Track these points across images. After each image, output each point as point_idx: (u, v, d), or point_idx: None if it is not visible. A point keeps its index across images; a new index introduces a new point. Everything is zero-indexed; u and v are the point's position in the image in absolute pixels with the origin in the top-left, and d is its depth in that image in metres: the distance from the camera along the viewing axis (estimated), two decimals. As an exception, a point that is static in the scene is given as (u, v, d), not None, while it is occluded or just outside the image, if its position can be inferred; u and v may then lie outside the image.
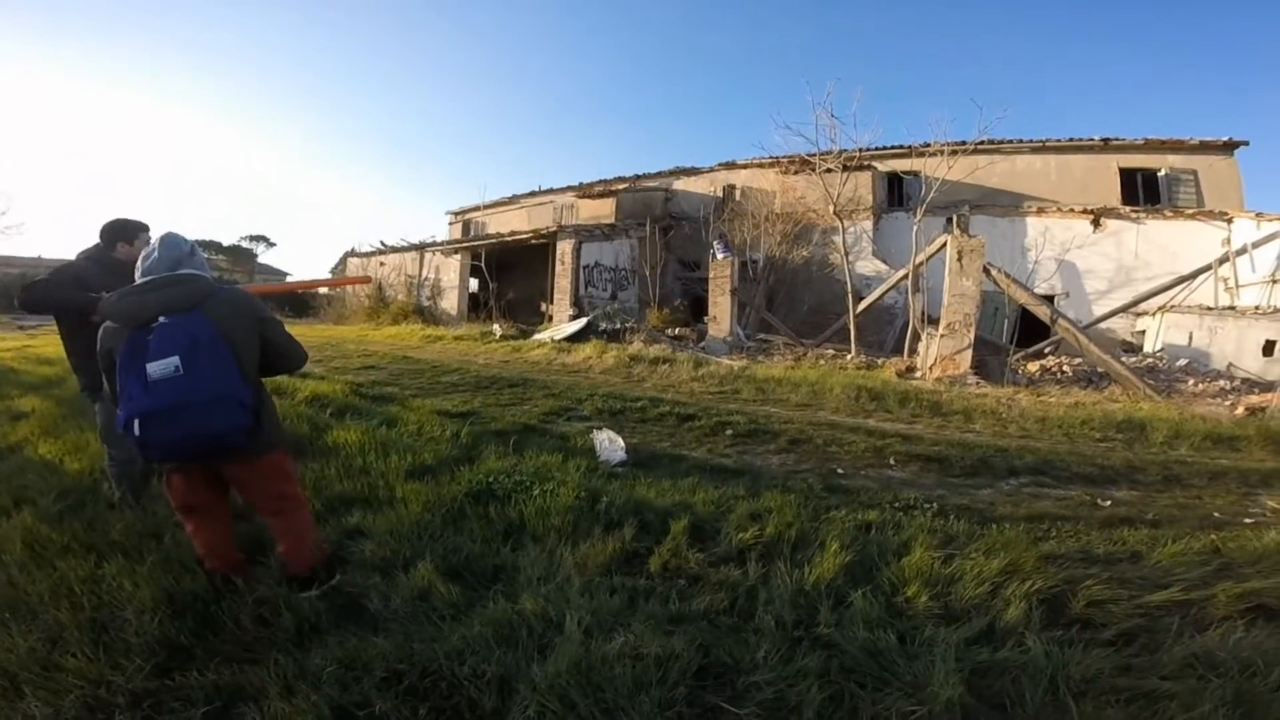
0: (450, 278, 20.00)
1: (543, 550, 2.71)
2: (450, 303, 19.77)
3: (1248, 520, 3.78)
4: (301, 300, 26.82)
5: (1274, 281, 11.67)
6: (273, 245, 46.02)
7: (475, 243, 19.93)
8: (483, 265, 18.30)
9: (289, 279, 38.15)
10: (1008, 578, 2.56)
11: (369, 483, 3.47)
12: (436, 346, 13.29)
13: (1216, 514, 3.90)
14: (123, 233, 3.12)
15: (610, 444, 4.45)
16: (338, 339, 14.85)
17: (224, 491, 2.30)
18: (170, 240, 2.16)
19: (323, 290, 23.99)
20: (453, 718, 1.71)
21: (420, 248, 21.67)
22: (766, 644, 2.05)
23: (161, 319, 1.95)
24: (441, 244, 21.74)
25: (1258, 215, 12.69)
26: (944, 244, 9.89)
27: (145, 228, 3.20)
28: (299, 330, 14.99)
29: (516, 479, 3.49)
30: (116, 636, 1.98)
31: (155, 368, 1.88)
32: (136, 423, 1.86)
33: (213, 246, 40.93)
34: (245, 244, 43.99)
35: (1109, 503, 4.00)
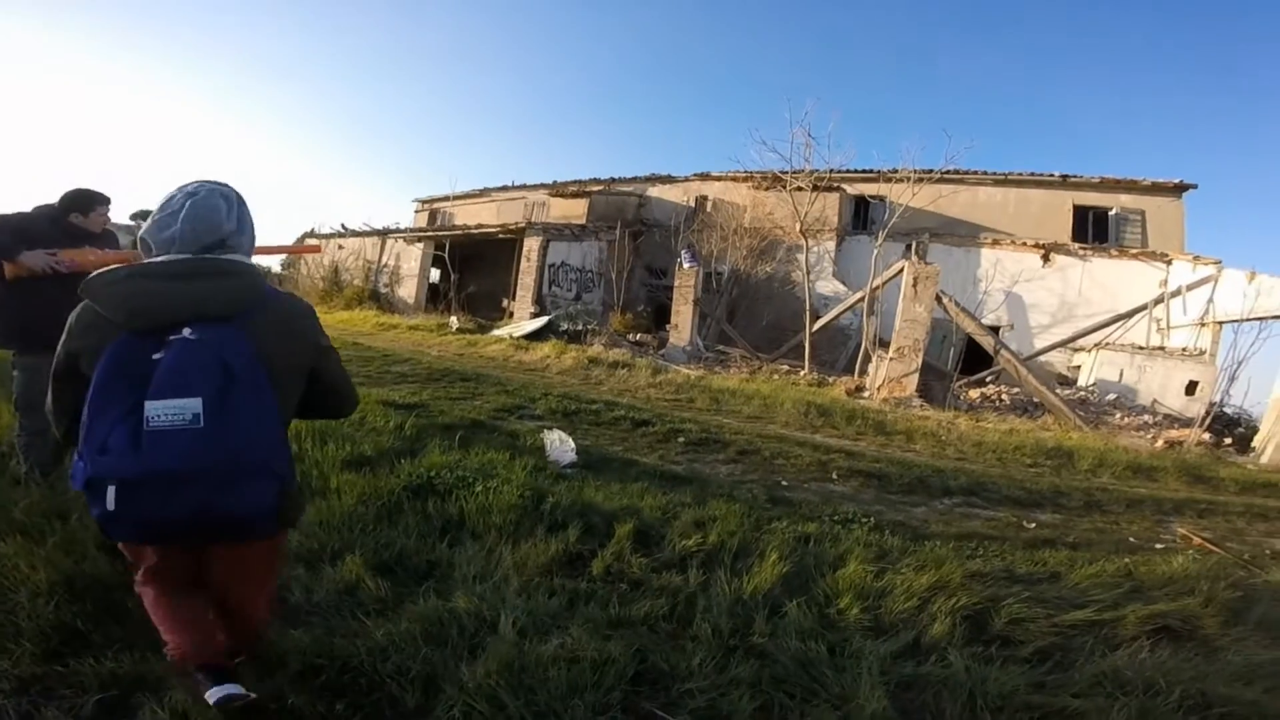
0: (410, 266, 19.54)
1: (481, 548, 2.66)
2: (408, 291, 19.30)
3: (1159, 545, 4.05)
4: (265, 271, 25.72)
5: (1202, 325, 12.49)
6: None
7: (440, 233, 19.54)
8: (446, 256, 17.94)
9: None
10: (935, 593, 2.64)
11: (302, 471, 3.33)
12: (389, 335, 12.95)
13: (1132, 539, 4.17)
14: (78, 202, 2.89)
15: (560, 444, 4.40)
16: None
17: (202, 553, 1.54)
18: (208, 200, 1.35)
19: (275, 267, 23.06)
20: (372, 714, 1.65)
21: (383, 233, 21.11)
22: (702, 652, 2.05)
23: (186, 330, 1.21)
24: (404, 231, 21.23)
25: (1194, 258, 13.55)
26: (901, 270, 10.23)
27: (105, 200, 2.99)
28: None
29: (459, 474, 3.41)
30: (6, 620, 1.83)
31: (161, 409, 1.14)
32: (111, 490, 1.13)
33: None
34: None
35: (1034, 525, 4.20)
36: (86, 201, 2.92)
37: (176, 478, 1.15)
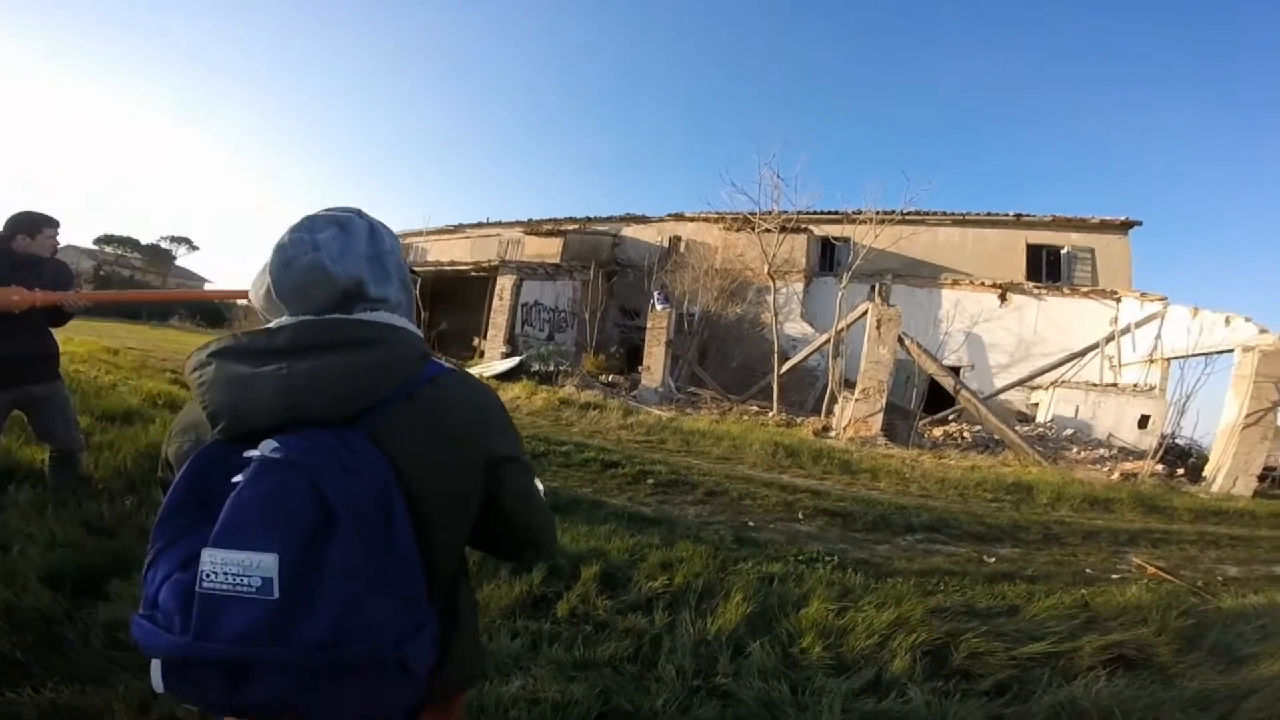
0: (381, 304, 19.37)
1: (446, 591, 2.63)
2: (379, 329, 19.08)
3: (1115, 575, 4.19)
4: (216, 310, 25.18)
5: (1151, 361, 13.09)
6: (195, 249, 42.61)
7: (412, 269, 19.46)
8: (417, 293, 17.88)
9: (207, 286, 35.78)
10: (896, 630, 2.70)
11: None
12: (359, 373, 12.74)
13: (1089, 570, 4.30)
14: (23, 224, 2.81)
15: (529, 485, 4.39)
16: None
17: None
18: (319, 229, 0.90)
19: (242, 300, 22.63)
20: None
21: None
22: (666, 693, 2.06)
23: (270, 443, 0.75)
24: (376, 269, 21.09)
25: (1141, 295, 14.23)
26: (865, 312, 10.57)
27: (53, 222, 2.91)
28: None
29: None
30: (-59, 656, 1.78)
31: (219, 565, 0.70)
32: (157, 667, 0.73)
33: (129, 244, 37.95)
34: (165, 244, 40.94)
35: (994, 559, 4.31)
36: (33, 224, 2.83)
37: (238, 666, 0.70)
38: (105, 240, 37.40)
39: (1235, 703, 2.32)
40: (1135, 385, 13.03)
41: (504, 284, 16.36)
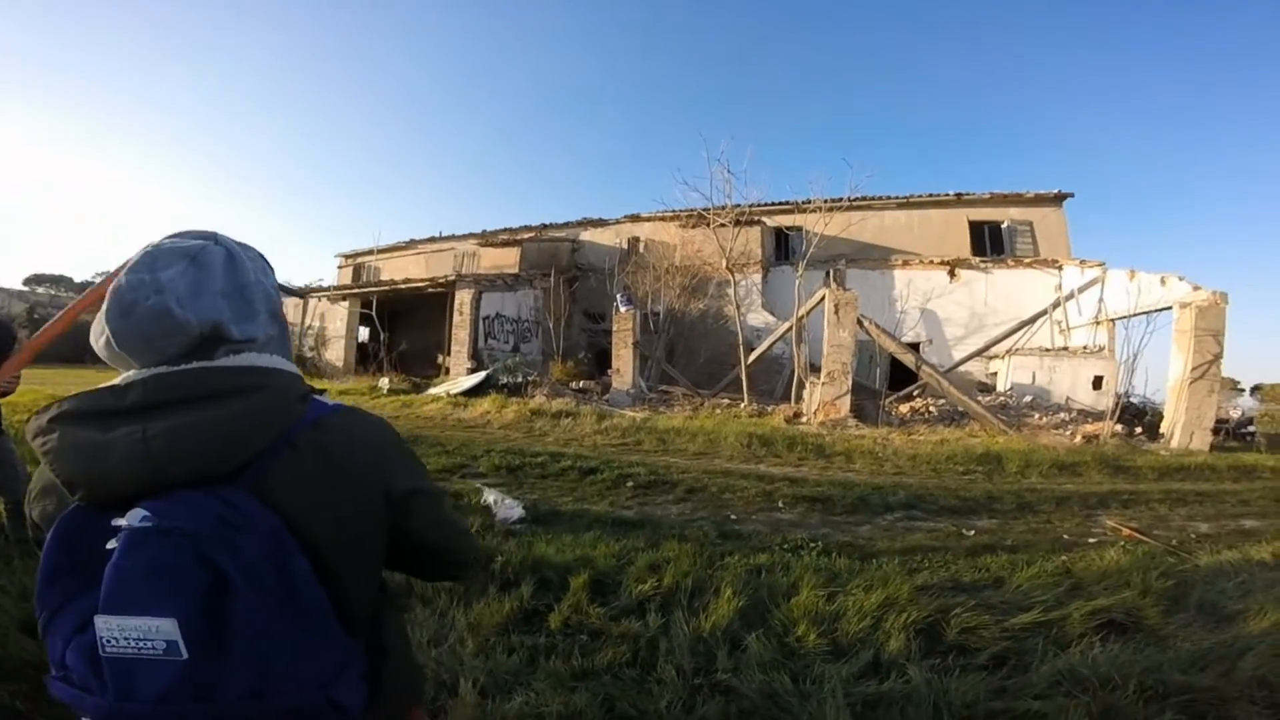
0: (337, 326, 18.85)
1: (432, 613, 2.56)
2: (336, 354, 18.56)
3: (1091, 540, 4.27)
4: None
5: (1097, 323, 13.66)
6: None
7: (366, 289, 19.01)
8: (374, 314, 17.44)
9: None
10: (887, 610, 2.71)
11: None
12: (319, 401, 12.34)
13: (1065, 535, 4.40)
14: None
15: (503, 502, 4.30)
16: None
17: None
18: (161, 262, 0.78)
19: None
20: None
21: (304, 293, 20.33)
22: (669, 694, 2.03)
23: (136, 512, 0.68)
24: (328, 289, 20.54)
25: (1081, 263, 14.82)
26: (823, 298, 10.74)
27: None
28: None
29: (405, 540, 3.26)
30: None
31: (115, 632, 0.65)
32: None
33: (64, 282, 36.03)
34: (99, 280, 38.99)
35: (973, 532, 4.39)
36: None
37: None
38: (36, 280, 35.53)
39: (1232, 661, 2.33)
40: (1085, 347, 13.58)
41: (463, 298, 16.09)
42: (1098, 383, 12.49)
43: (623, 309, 13.38)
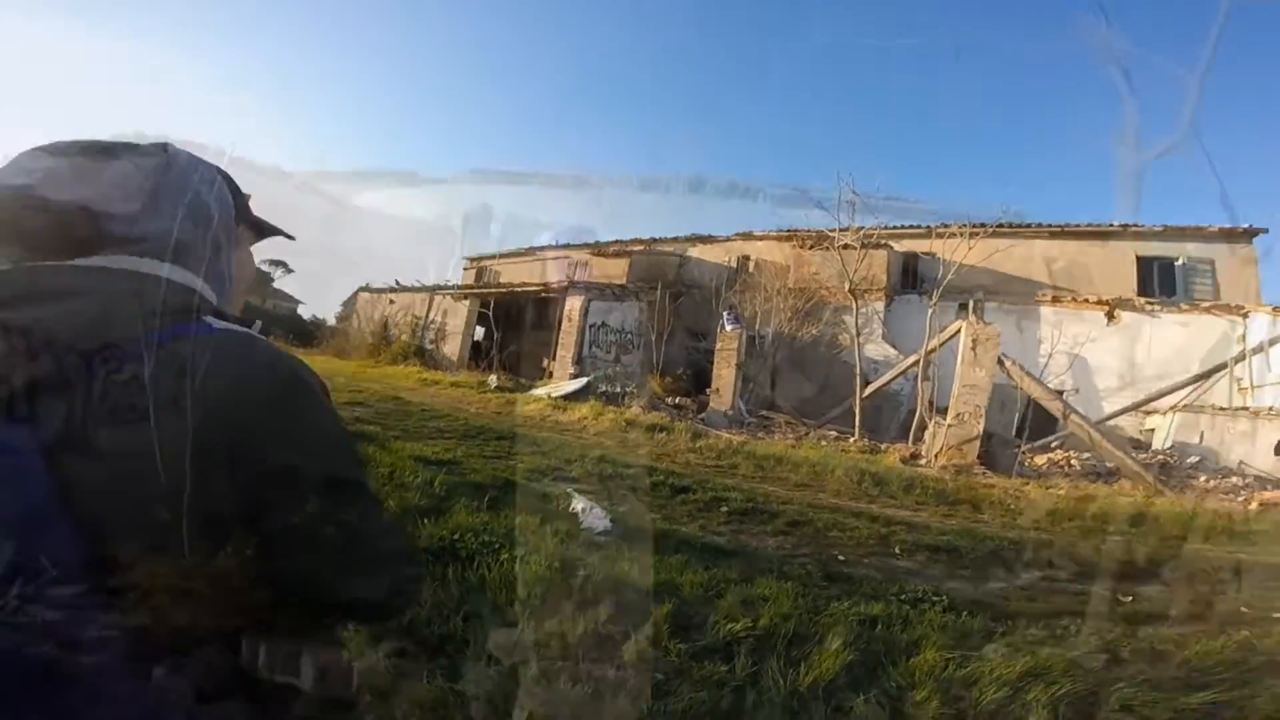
0: (456, 323, 19.99)
1: (501, 624, 2.38)
2: (452, 349, 19.66)
3: (1277, 615, 3.55)
4: (307, 330, 26.84)
5: (1288, 382, 11.47)
6: (291, 271, 42.65)
7: (484, 290, 20.06)
8: (490, 314, 18.30)
9: (300, 309, 37.94)
10: (1030, 680, 2.30)
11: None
12: (430, 390, 13.04)
13: (1243, 609, 3.69)
14: None
15: (591, 511, 4.12)
16: (332, 372, 14.59)
17: None
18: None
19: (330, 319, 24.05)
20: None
21: (431, 290, 21.82)
22: (754, 763, 1.69)
23: None
24: (450, 288, 21.90)
25: (1274, 309, 12.49)
26: (957, 331, 9.78)
27: None
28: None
29: (485, 539, 3.18)
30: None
31: None
32: None
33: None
34: (264, 268, 42.79)
35: (1130, 598, 3.76)
36: None
37: None
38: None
39: None
40: (1271, 408, 11.43)
41: (572, 305, 16.47)
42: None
43: (728, 328, 13.00)
